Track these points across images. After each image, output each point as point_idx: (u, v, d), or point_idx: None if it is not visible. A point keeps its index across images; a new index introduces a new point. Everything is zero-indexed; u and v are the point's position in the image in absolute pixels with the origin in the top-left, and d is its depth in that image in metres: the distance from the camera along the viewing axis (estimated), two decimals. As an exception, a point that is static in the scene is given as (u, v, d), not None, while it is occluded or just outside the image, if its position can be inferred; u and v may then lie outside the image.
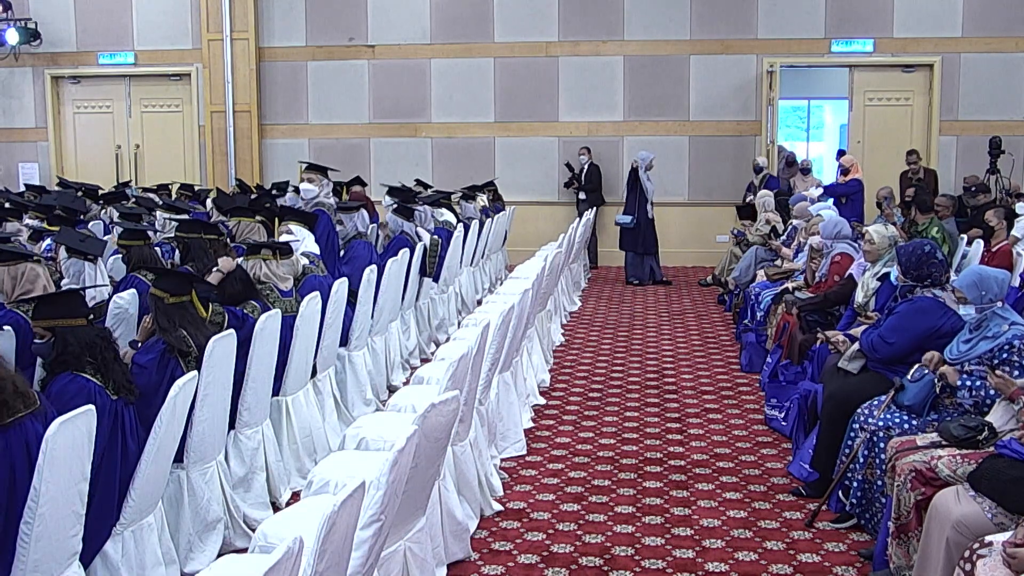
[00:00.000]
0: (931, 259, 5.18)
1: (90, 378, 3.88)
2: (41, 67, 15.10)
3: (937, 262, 5.20)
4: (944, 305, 5.11)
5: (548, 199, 14.37)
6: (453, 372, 4.33)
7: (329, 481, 3.96)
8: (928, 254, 5.19)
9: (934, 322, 5.05)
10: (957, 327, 5.03)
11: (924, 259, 5.18)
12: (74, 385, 3.83)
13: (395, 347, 7.76)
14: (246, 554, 3.62)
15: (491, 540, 4.80)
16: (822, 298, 6.90)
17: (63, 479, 3.33)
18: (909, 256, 5.23)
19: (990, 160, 12.08)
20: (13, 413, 3.34)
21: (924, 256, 5.19)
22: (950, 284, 5.19)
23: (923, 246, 5.26)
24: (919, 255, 5.20)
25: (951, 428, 4.13)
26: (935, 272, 5.18)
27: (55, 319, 3.99)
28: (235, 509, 4.72)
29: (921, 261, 5.18)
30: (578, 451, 6.13)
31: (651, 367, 8.31)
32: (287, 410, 5.56)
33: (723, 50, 13.82)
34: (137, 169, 15.16)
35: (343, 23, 14.43)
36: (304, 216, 7.58)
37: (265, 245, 6.04)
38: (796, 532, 4.87)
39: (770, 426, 6.54)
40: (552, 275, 8.28)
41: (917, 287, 5.21)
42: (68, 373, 3.87)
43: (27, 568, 3.26)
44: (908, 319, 5.11)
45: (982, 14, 13.33)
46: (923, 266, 5.18)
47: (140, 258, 6.09)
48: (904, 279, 5.28)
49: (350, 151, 14.46)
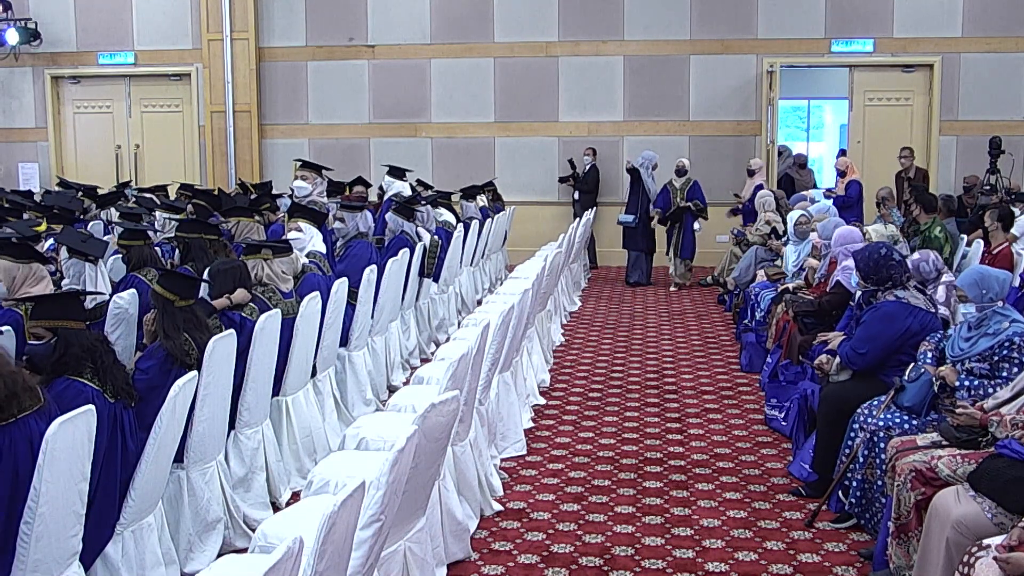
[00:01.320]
0: (889, 260, 5.18)
1: (87, 383, 3.87)
2: (41, 67, 15.10)
3: (895, 263, 5.19)
4: (908, 305, 5.10)
5: (548, 199, 14.37)
6: (453, 372, 4.34)
7: (329, 481, 3.96)
8: (885, 256, 5.19)
9: (902, 324, 5.05)
10: (928, 323, 5.04)
11: (882, 262, 5.18)
12: (72, 389, 3.82)
13: (395, 347, 7.76)
14: (246, 554, 3.62)
15: (491, 540, 4.80)
16: (816, 305, 6.90)
17: (63, 479, 3.33)
18: (866, 261, 5.24)
19: (990, 160, 12.07)
20: (22, 409, 3.34)
21: (881, 259, 5.19)
22: (912, 283, 5.19)
23: (879, 249, 5.27)
24: (876, 258, 5.20)
25: (951, 428, 4.14)
26: (895, 273, 5.18)
27: (58, 320, 3.97)
28: (235, 509, 4.72)
29: (879, 264, 5.19)
30: (578, 451, 6.13)
31: (651, 367, 8.31)
32: (287, 410, 5.56)
33: (723, 50, 13.82)
34: (137, 169, 15.16)
35: (343, 23, 14.43)
36: (313, 214, 7.58)
37: (265, 245, 6.03)
38: (796, 532, 4.87)
39: (770, 426, 6.54)
40: (552, 275, 8.28)
41: (879, 291, 5.21)
42: (65, 378, 3.86)
43: (27, 568, 3.26)
44: (875, 327, 5.12)
45: (982, 14, 13.33)
46: (881, 269, 5.18)
47: (140, 258, 6.10)
48: (865, 284, 5.28)
49: (350, 151, 14.46)
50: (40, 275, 5.28)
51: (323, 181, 8.98)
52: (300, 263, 6.44)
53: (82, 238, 5.82)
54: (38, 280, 5.24)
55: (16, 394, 3.33)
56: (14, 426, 3.33)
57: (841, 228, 7.34)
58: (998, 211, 8.44)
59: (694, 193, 12.21)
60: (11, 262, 5.23)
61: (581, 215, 12.55)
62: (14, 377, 3.35)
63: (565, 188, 14.18)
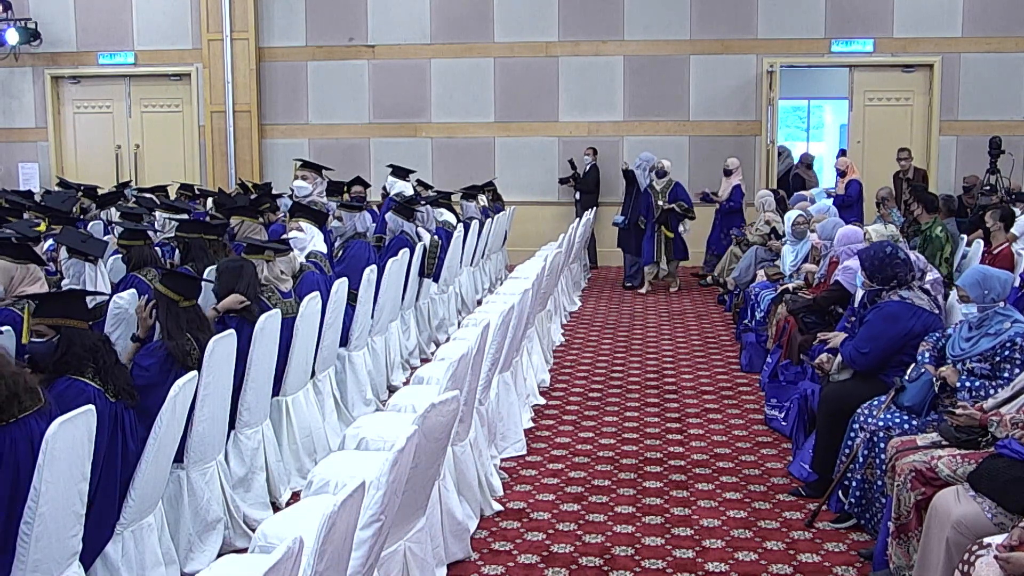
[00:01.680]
0: (894, 260, 5.18)
1: (89, 382, 3.86)
2: (41, 67, 15.10)
3: (900, 261, 5.19)
4: (912, 306, 5.10)
5: (548, 199, 14.37)
6: (453, 372, 4.33)
7: (329, 481, 3.96)
8: (890, 255, 5.19)
9: (905, 325, 5.05)
10: (931, 324, 5.04)
11: (887, 261, 5.18)
12: (73, 389, 3.82)
13: (395, 347, 7.76)
14: (246, 554, 3.62)
15: (491, 540, 4.80)
16: (812, 302, 6.91)
17: (63, 479, 3.33)
18: (871, 260, 5.23)
19: (990, 160, 12.07)
20: (23, 409, 3.34)
21: (887, 258, 5.18)
22: (917, 283, 5.19)
23: (884, 248, 5.26)
24: (881, 257, 5.20)
25: (951, 428, 4.13)
26: (900, 272, 5.17)
27: (62, 318, 3.97)
28: (235, 509, 4.72)
29: (884, 263, 5.18)
30: (578, 451, 6.13)
31: (651, 367, 8.31)
32: (287, 410, 5.56)
33: (723, 50, 13.82)
34: (137, 169, 15.16)
35: (343, 23, 14.43)
36: (315, 214, 7.58)
37: (267, 246, 6.02)
38: (796, 532, 4.87)
39: (770, 426, 6.54)
40: (552, 275, 8.28)
41: (883, 291, 5.21)
42: (66, 377, 3.86)
43: (27, 568, 3.26)
44: (878, 327, 5.11)
45: (982, 14, 13.33)
46: (887, 268, 5.18)
47: (140, 258, 6.10)
48: (870, 284, 5.28)
49: (350, 151, 14.46)
50: (36, 276, 5.31)
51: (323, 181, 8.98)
52: (298, 263, 6.44)
53: (82, 238, 5.82)
54: (34, 281, 5.27)
55: (17, 394, 3.33)
56: (15, 426, 3.33)
57: (843, 228, 7.34)
58: (1000, 211, 8.44)
59: (677, 194, 11.93)
60: (10, 262, 5.24)
61: (581, 215, 12.55)
62: (15, 378, 3.35)
63: (565, 188, 14.19)
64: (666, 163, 12.09)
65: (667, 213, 11.76)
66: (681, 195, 11.94)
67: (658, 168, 11.96)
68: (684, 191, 12.03)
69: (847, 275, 6.52)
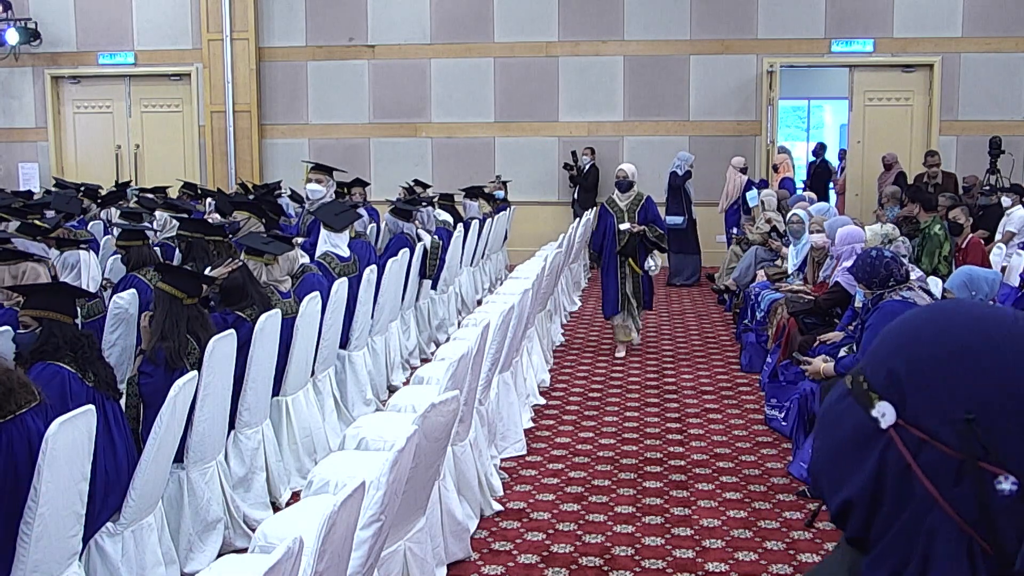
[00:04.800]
0: (882, 259, 5.20)
1: (64, 366, 3.87)
2: (41, 67, 15.10)
3: (889, 259, 5.21)
4: (913, 305, 5.09)
5: (548, 199, 14.37)
6: (453, 372, 4.34)
7: (329, 481, 3.95)
8: (876, 257, 5.22)
9: None
10: None
11: (876, 263, 5.20)
12: (48, 371, 3.83)
13: (395, 347, 7.76)
14: (246, 554, 3.62)
15: (491, 540, 4.80)
16: (812, 303, 6.90)
17: (63, 479, 3.33)
18: (861, 269, 5.26)
19: (990, 160, 12.07)
20: (19, 406, 3.35)
21: (873, 261, 5.21)
22: (916, 282, 5.20)
23: (868, 253, 5.30)
24: (868, 262, 5.23)
25: None
26: (892, 268, 5.19)
27: (45, 310, 4.00)
28: (235, 509, 4.72)
29: (874, 267, 5.20)
30: (578, 451, 6.13)
31: (651, 367, 8.31)
32: (287, 410, 5.56)
33: (723, 50, 13.82)
34: (137, 169, 15.16)
35: (343, 23, 14.43)
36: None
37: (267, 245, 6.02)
38: (796, 532, 4.87)
39: (770, 426, 6.54)
40: (552, 275, 8.28)
41: (885, 292, 5.21)
42: (42, 362, 3.88)
43: (27, 568, 3.26)
44: (879, 327, 5.10)
45: (982, 14, 13.33)
46: (879, 269, 5.19)
47: (139, 258, 6.10)
48: (870, 291, 5.29)
49: (350, 151, 14.46)
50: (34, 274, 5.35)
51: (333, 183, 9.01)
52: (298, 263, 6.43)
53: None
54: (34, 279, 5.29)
55: (12, 390, 3.33)
56: (12, 424, 3.33)
57: (844, 228, 7.35)
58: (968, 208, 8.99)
59: (647, 214, 8.38)
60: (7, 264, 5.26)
61: (581, 215, 12.53)
62: (8, 374, 3.35)
63: (565, 188, 14.18)
64: (629, 169, 8.54)
65: (635, 240, 8.34)
66: (653, 215, 8.45)
67: (619, 178, 8.49)
68: (656, 210, 8.55)
69: (847, 276, 6.52)
